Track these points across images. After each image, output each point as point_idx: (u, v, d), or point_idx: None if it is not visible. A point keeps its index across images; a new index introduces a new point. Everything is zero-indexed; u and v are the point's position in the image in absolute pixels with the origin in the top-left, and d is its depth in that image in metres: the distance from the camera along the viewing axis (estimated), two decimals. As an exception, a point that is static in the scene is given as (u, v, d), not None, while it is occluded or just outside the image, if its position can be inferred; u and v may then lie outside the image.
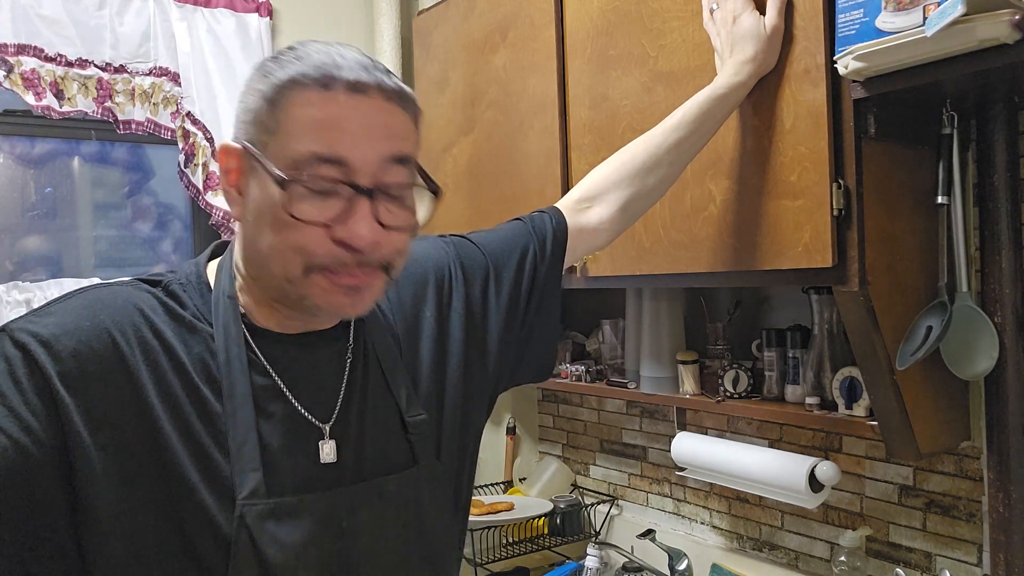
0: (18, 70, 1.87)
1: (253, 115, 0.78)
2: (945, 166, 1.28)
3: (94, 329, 0.76)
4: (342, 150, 0.75)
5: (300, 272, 0.78)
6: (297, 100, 0.75)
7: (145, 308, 0.80)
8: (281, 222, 0.76)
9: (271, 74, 0.77)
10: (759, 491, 1.63)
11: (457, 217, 2.07)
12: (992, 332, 1.30)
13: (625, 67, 1.58)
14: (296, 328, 0.86)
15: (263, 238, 0.78)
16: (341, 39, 2.42)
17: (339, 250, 0.77)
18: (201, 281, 0.85)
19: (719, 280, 1.47)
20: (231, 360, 0.80)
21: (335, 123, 0.75)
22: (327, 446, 0.84)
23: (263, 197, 0.77)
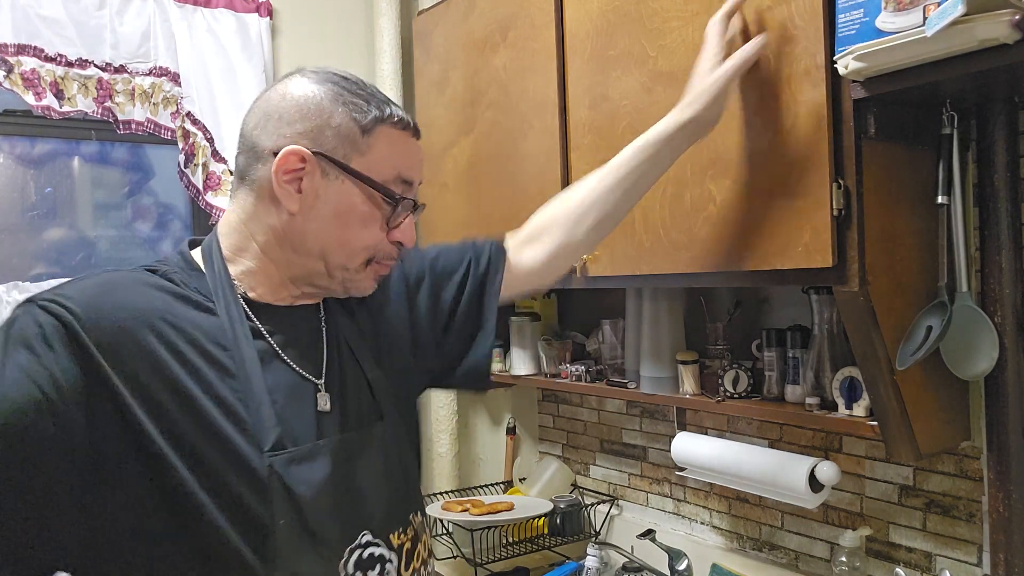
0: (18, 70, 1.87)
1: (334, 130, 0.95)
2: (945, 166, 1.28)
3: (115, 305, 0.87)
4: (414, 176, 1.02)
5: (361, 263, 0.99)
6: (386, 134, 0.98)
7: (154, 288, 0.92)
8: (360, 222, 0.97)
9: (366, 110, 0.97)
10: (759, 491, 1.63)
11: (457, 217, 2.08)
12: (992, 332, 1.30)
13: (625, 67, 1.58)
14: (286, 301, 1.01)
15: (331, 235, 0.96)
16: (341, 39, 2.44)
17: (392, 247, 1.01)
18: (191, 266, 0.98)
19: (719, 280, 1.47)
20: (235, 329, 0.93)
21: (410, 156, 1.01)
22: (323, 398, 0.99)
23: (342, 200, 0.96)
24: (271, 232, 0.97)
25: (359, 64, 2.43)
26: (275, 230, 0.97)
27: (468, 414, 2.54)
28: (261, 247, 0.98)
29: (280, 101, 0.97)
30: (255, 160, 0.97)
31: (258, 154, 0.97)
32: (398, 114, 0.99)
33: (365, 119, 0.96)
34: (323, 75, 0.98)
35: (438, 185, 2.15)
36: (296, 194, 0.95)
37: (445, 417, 2.42)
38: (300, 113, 0.95)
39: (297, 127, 0.95)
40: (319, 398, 0.98)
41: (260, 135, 0.96)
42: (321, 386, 0.99)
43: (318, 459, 0.94)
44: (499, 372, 2.27)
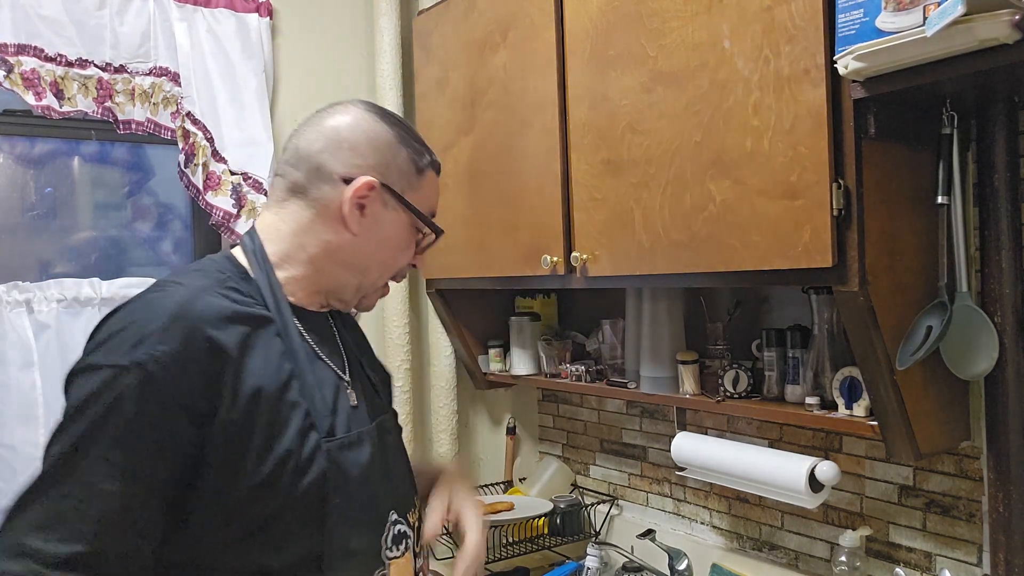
0: (18, 70, 1.87)
1: (399, 170, 1.11)
2: (945, 166, 1.28)
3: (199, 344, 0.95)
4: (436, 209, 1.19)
5: (383, 282, 1.15)
6: (430, 176, 1.16)
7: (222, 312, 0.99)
8: (400, 248, 1.14)
9: (422, 155, 1.14)
10: (759, 491, 1.63)
11: (457, 216, 2.08)
12: (992, 332, 1.30)
13: (625, 67, 1.58)
14: (315, 307, 1.13)
15: (374, 255, 1.11)
16: (341, 39, 2.44)
17: (406, 269, 1.18)
18: (240, 270, 1.07)
19: (719, 280, 1.47)
20: (290, 333, 1.04)
21: (438, 194, 1.20)
22: (352, 393, 1.11)
23: (396, 228, 1.12)
24: (325, 247, 1.08)
25: (359, 64, 2.43)
26: (329, 245, 1.08)
27: (468, 414, 2.54)
28: (310, 258, 1.09)
29: (350, 133, 1.09)
30: (319, 180, 1.07)
31: (324, 176, 1.07)
32: (438, 161, 1.18)
33: (421, 162, 1.13)
34: (387, 115, 1.13)
35: (438, 185, 2.15)
36: (360, 218, 1.08)
37: (445, 417, 2.42)
38: (373, 148, 1.09)
39: (370, 160, 1.08)
40: (350, 394, 1.11)
41: (329, 159, 1.08)
42: (348, 383, 1.12)
43: (363, 445, 1.07)
44: (499, 372, 2.27)
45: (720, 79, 1.39)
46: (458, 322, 2.29)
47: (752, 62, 1.34)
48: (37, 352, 1.89)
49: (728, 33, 1.38)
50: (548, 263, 1.76)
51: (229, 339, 0.96)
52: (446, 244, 2.12)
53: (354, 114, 1.11)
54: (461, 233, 2.07)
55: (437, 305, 2.30)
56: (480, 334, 2.32)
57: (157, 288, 1.00)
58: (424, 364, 2.49)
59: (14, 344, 1.87)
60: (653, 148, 1.52)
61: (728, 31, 1.38)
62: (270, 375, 0.98)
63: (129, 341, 0.91)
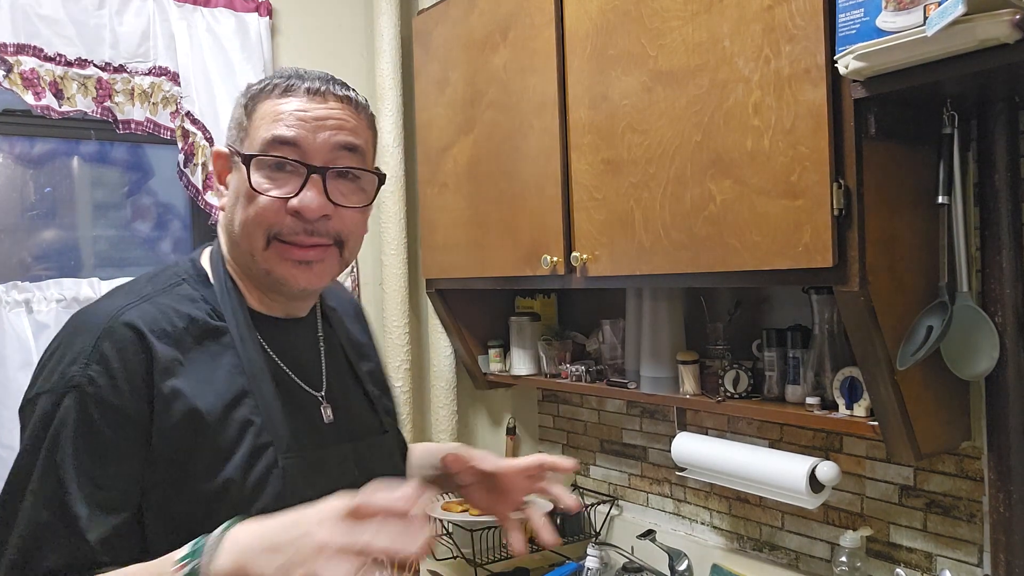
0: (17, 70, 1.87)
1: (235, 122, 0.98)
2: (946, 166, 1.28)
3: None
4: (296, 135, 0.93)
5: (263, 244, 0.95)
6: (265, 102, 0.95)
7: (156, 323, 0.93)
8: (248, 198, 0.94)
9: (249, 89, 0.98)
10: (759, 491, 1.63)
11: (457, 216, 2.07)
12: (993, 332, 1.30)
13: (625, 67, 1.58)
14: (279, 312, 1.03)
15: (236, 218, 0.96)
16: (341, 39, 2.43)
17: (291, 219, 0.94)
18: (201, 274, 1.00)
19: (719, 280, 1.47)
20: (248, 347, 0.96)
21: (292, 115, 0.94)
22: (327, 410, 1.03)
23: (237, 182, 0.96)
24: (225, 233, 1.01)
25: (359, 64, 2.43)
26: (225, 230, 1.01)
27: (468, 414, 2.54)
28: (228, 252, 1.01)
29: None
30: None
31: None
32: (276, 81, 0.96)
33: (245, 100, 0.97)
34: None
35: (438, 185, 2.15)
36: (224, 190, 1.00)
37: (445, 417, 2.41)
38: (230, 118, 1.01)
39: (227, 133, 1.01)
40: (324, 411, 1.02)
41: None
42: (322, 399, 1.03)
43: (326, 464, 0.98)
44: (499, 372, 2.27)
45: (720, 79, 1.39)
46: (458, 322, 2.29)
47: (752, 62, 1.34)
48: (36, 352, 1.89)
49: (728, 33, 1.38)
50: (548, 263, 1.76)
51: (163, 352, 0.90)
52: (446, 244, 2.13)
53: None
54: (461, 233, 2.06)
55: (437, 305, 2.30)
56: (480, 334, 2.32)
57: (95, 302, 0.96)
58: (424, 364, 2.48)
59: (13, 344, 1.87)
60: (653, 148, 1.52)
61: (728, 31, 1.38)
62: (215, 392, 0.92)
63: (62, 364, 0.89)
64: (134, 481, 0.88)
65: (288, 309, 1.04)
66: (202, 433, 0.90)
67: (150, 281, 0.98)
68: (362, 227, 1.01)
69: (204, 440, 0.90)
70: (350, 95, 0.99)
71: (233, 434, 0.91)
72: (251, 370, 0.95)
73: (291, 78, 0.96)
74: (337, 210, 0.95)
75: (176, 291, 0.96)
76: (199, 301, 0.96)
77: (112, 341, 0.89)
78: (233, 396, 0.93)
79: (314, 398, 1.02)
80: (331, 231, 0.96)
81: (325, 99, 0.96)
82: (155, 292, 0.95)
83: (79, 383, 0.87)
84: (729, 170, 1.38)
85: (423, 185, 2.22)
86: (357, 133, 0.98)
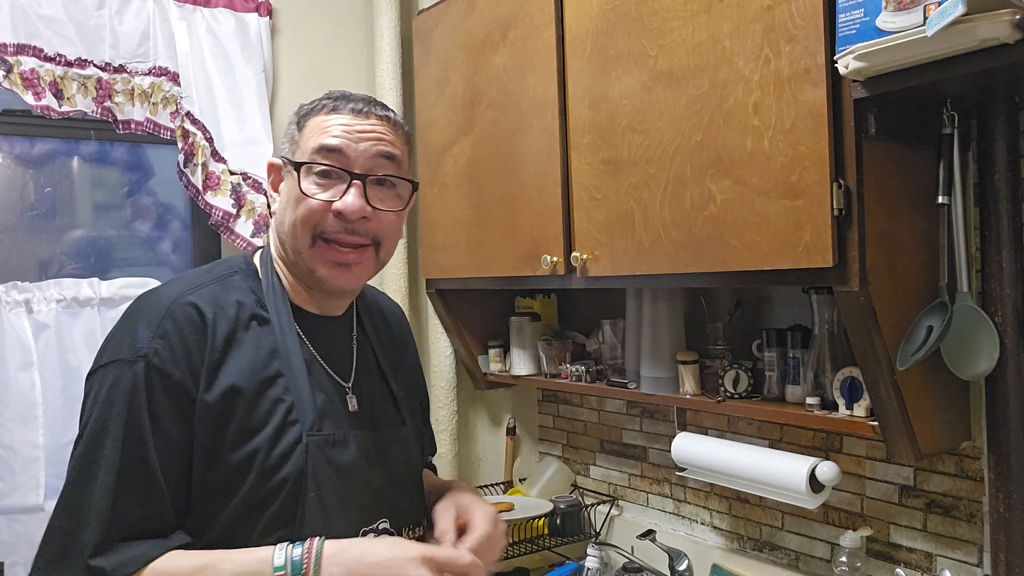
0: (17, 70, 1.87)
1: (287, 137, 1.13)
2: (946, 166, 1.28)
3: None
4: (340, 144, 1.07)
5: (309, 242, 1.08)
6: (314, 118, 1.10)
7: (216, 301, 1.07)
8: (298, 201, 1.07)
9: (302, 108, 1.13)
10: (759, 491, 1.63)
11: (457, 217, 2.07)
12: (993, 332, 1.30)
13: (625, 67, 1.58)
14: (319, 310, 1.15)
15: (287, 219, 1.09)
16: (341, 39, 2.44)
17: (334, 220, 1.07)
18: (251, 269, 1.13)
19: (719, 280, 1.47)
20: (286, 335, 1.08)
21: (338, 127, 1.08)
22: (352, 399, 1.14)
23: (288, 188, 1.10)
24: (276, 236, 1.14)
25: (359, 64, 2.43)
26: (276, 232, 1.14)
27: (468, 414, 2.54)
28: (278, 253, 1.14)
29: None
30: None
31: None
32: (325, 102, 1.11)
33: (298, 116, 1.12)
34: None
35: (438, 185, 2.15)
36: (276, 196, 1.14)
37: (445, 417, 2.41)
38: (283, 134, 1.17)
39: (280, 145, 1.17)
40: (349, 400, 1.13)
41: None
42: (349, 389, 1.14)
43: (348, 446, 1.08)
44: (499, 372, 2.27)
45: (720, 79, 1.39)
46: (458, 322, 2.29)
47: (752, 62, 1.34)
48: (36, 352, 1.89)
49: (728, 33, 1.38)
50: (548, 263, 1.76)
51: (219, 329, 1.03)
52: (446, 244, 2.13)
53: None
54: (461, 233, 2.06)
55: (437, 305, 2.30)
56: (480, 334, 2.32)
57: (156, 289, 1.09)
58: (424, 364, 2.48)
59: (13, 344, 1.87)
60: (653, 148, 1.52)
61: (728, 31, 1.38)
62: (253, 371, 1.04)
63: (129, 338, 1.02)
64: (186, 445, 1.00)
65: (326, 306, 1.16)
66: (238, 406, 1.01)
67: (206, 273, 1.11)
68: (397, 230, 1.14)
69: (238, 413, 1.01)
70: (389, 115, 1.13)
71: (265, 409, 1.03)
72: (287, 355, 1.06)
73: (339, 99, 1.11)
74: (375, 213, 1.08)
75: (228, 281, 1.09)
76: (248, 292, 1.09)
77: (174, 320, 1.02)
78: (269, 376, 1.04)
79: (342, 387, 1.13)
80: (369, 232, 1.09)
81: (367, 117, 1.10)
82: (211, 281, 1.08)
83: (146, 354, 0.99)
84: (729, 170, 1.38)
85: (423, 185, 2.22)
86: (394, 145, 1.11)
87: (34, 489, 1.87)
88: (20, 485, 1.85)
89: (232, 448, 1.01)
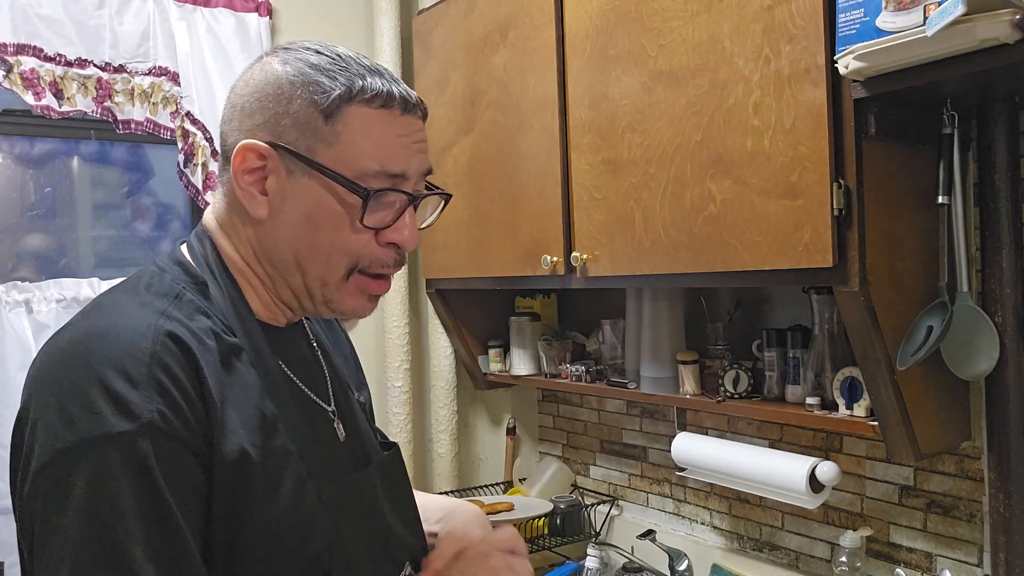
0: (17, 70, 1.87)
1: (294, 119, 0.80)
2: (946, 166, 1.28)
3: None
4: (404, 166, 0.83)
5: (343, 274, 0.84)
6: (358, 116, 0.81)
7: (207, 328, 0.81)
8: (335, 226, 0.81)
9: (319, 83, 0.80)
10: (759, 491, 1.63)
11: (457, 217, 2.07)
12: (993, 332, 1.30)
13: (625, 67, 1.58)
14: (280, 321, 0.91)
15: (304, 241, 0.82)
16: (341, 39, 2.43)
17: (384, 252, 0.84)
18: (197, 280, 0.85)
19: (719, 280, 1.46)
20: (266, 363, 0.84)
21: (397, 141, 0.83)
22: (340, 426, 0.92)
23: (311, 201, 0.81)
24: (248, 243, 0.85)
25: (359, 64, 2.43)
26: (251, 240, 0.85)
27: (468, 414, 2.54)
28: (246, 260, 0.86)
29: (243, 88, 0.84)
30: (224, 161, 0.85)
31: (225, 153, 0.84)
32: (376, 87, 0.81)
33: (326, 101, 0.80)
34: (296, 52, 0.83)
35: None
36: (261, 197, 0.82)
37: (445, 417, 2.41)
38: (259, 102, 0.81)
39: (256, 118, 0.81)
40: (337, 428, 0.91)
41: (227, 131, 0.84)
42: (333, 414, 0.92)
43: (362, 493, 0.89)
44: (499, 372, 2.27)
45: (720, 79, 1.39)
46: (458, 322, 2.29)
47: (752, 62, 1.34)
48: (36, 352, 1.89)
49: (728, 33, 1.38)
50: (548, 263, 1.76)
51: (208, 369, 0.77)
52: (446, 244, 2.13)
53: (257, 64, 0.85)
54: (461, 233, 2.06)
55: (437, 305, 2.30)
56: (480, 334, 2.32)
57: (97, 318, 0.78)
58: (424, 364, 2.48)
59: (13, 344, 1.87)
60: (653, 148, 1.52)
61: (728, 31, 1.38)
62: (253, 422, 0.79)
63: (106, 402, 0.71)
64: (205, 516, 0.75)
65: (291, 317, 0.92)
66: (250, 471, 0.77)
67: (148, 290, 0.81)
68: None
69: (253, 478, 0.77)
70: (423, 104, 0.89)
71: (275, 467, 0.79)
72: (275, 391, 0.83)
73: (377, 79, 0.82)
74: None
75: (184, 301, 0.81)
76: (207, 314, 0.81)
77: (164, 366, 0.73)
78: (269, 422, 0.80)
79: (327, 414, 0.91)
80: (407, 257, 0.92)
81: (415, 115, 0.86)
82: (168, 305, 0.79)
83: (150, 419, 0.70)
84: (729, 170, 1.38)
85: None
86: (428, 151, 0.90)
87: (34, 489, 1.86)
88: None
89: (254, 520, 0.77)
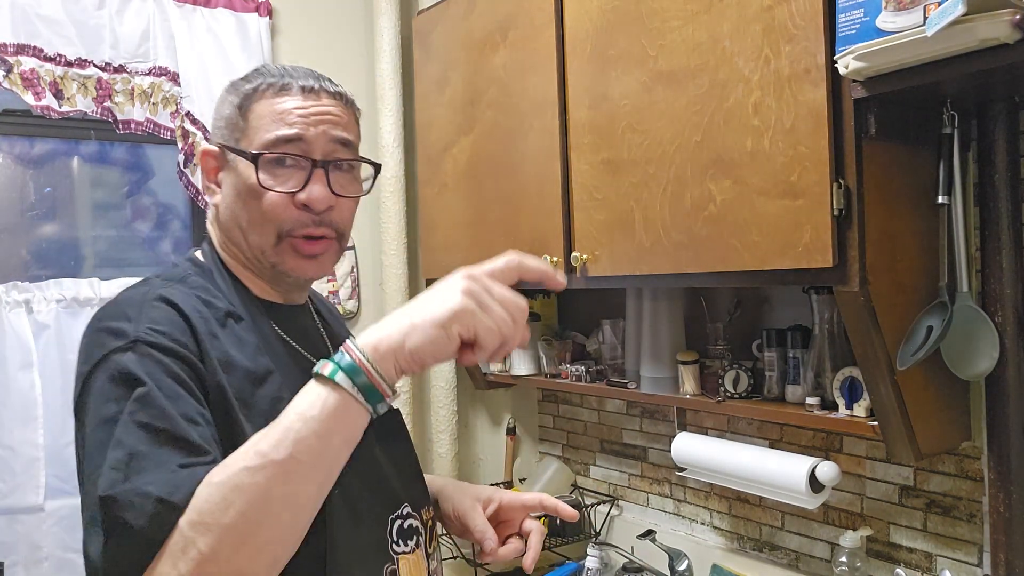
0: (17, 70, 1.87)
1: (226, 121, 1.01)
2: (946, 166, 1.28)
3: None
4: (298, 132, 0.97)
5: (273, 240, 0.98)
6: (260, 102, 0.98)
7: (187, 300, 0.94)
8: (254, 195, 0.97)
9: (239, 88, 1.00)
10: (759, 491, 1.63)
11: (457, 217, 2.07)
12: (992, 332, 1.30)
13: (625, 67, 1.58)
14: (284, 299, 1.06)
15: (241, 216, 0.99)
16: (341, 39, 2.43)
17: (300, 214, 0.98)
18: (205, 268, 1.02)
19: (719, 280, 1.46)
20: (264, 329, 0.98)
21: (292, 113, 0.97)
22: None
23: (239, 180, 0.98)
24: (222, 233, 1.03)
25: (359, 64, 2.43)
26: (221, 228, 1.03)
27: (468, 414, 2.54)
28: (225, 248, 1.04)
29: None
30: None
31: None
32: (276, 82, 0.99)
33: (238, 100, 1.00)
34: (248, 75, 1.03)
35: (438, 185, 2.15)
36: (217, 188, 1.03)
37: (445, 417, 2.41)
38: (214, 114, 1.04)
39: (212, 127, 1.04)
40: None
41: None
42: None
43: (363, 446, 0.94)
44: (499, 372, 2.27)
45: (720, 79, 1.39)
46: (458, 322, 2.28)
47: (752, 62, 1.34)
48: (36, 352, 1.89)
49: (728, 33, 1.38)
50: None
51: (198, 325, 0.90)
52: (446, 244, 2.13)
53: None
54: (461, 233, 2.06)
55: (437, 305, 2.29)
56: (480, 334, 2.31)
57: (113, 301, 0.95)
58: (424, 364, 2.48)
59: (13, 344, 1.87)
60: (653, 148, 1.52)
61: (728, 31, 1.38)
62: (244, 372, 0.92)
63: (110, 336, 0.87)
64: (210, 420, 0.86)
65: (289, 296, 1.07)
66: (233, 410, 0.88)
67: (159, 277, 0.99)
68: (354, 215, 1.06)
69: (234, 416, 0.88)
70: (340, 91, 1.04)
71: (263, 410, 0.90)
72: (272, 350, 0.97)
73: (283, 76, 1.00)
74: (339, 201, 1.00)
75: (189, 281, 0.98)
76: (212, 291, 0.98)
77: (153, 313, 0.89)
78: (261, 374, 0.93)
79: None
80: (334, 222, 1.01)
81: (319, 97, 1.00)
82: (170, 284, 0.96)
83: (139, 336, 0.86)
84: (729, 170, 1.38)
85: (423, 185, 2.22)
86: (349, 128, 1.02)
87: (34, 489, 1.87)
88: (20, 485, 1.86)
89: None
